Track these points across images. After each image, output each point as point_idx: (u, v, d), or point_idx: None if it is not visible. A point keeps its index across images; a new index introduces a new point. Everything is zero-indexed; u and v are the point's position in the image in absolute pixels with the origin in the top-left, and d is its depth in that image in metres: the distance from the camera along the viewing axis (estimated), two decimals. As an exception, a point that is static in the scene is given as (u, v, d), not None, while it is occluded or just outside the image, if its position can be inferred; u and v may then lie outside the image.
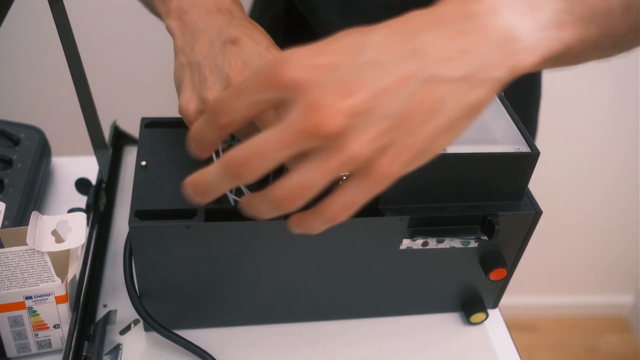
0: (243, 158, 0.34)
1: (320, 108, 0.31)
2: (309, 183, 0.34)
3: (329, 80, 0.32)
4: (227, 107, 0.34)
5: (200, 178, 0.36)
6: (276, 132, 0.33)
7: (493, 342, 0.57)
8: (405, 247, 0.51)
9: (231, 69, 0.45)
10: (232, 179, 0.35)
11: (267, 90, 0.33)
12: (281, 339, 0.56)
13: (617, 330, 1.68)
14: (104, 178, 0.65)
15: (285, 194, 0.34)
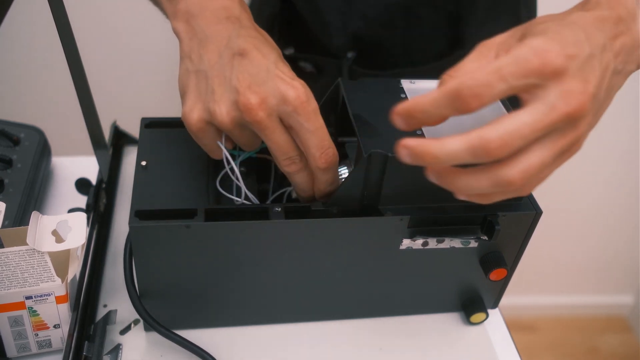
0: (505, 139, 0.36)
1: (576, 95, 0.37)
2: (545, 163, 0.38)
3: (575, 68, 0.37)
4: (485, 91, 0.36)
5: (437, 146, 0.38)
6: (540, 115, 0.36)
7: (493, 342, 0.57)
8: (406, 247, 0.51)
9: (239, 82, 0.45)
10: (479, 157, 0.37)
11: (530, 77, 0.36)
12: (281, 339, 0.56)
13: (617, 330, 1.68)
14: (104, 178, 0.65)
15: (518, 174, 0.37)
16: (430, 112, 0.38)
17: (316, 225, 0.48)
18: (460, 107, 0.37)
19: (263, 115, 0.44)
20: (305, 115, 0.45)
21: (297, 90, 0.45)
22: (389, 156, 0.46)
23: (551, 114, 0.36)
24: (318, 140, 0.46)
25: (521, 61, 0.36)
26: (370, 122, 0.49)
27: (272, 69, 0.45)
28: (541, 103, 0.37)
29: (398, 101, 0.52)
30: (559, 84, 0.37)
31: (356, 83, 0.54)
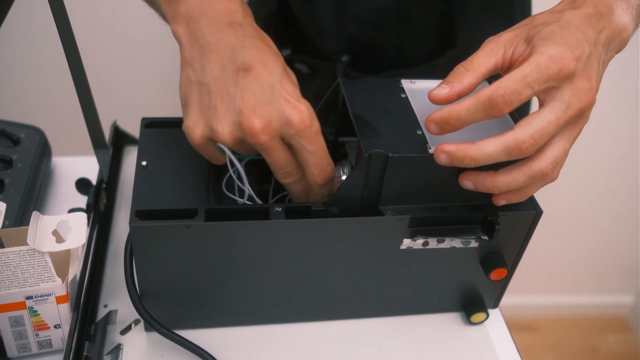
0: (535, 137, 0.43)
1: (585, 92, 0.44)
2: (567, 150, 0.45)
3: (581, 68, 0.44)
4: (515, 98, 0.42)
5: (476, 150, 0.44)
6: (560, 112, 0.43)
7: (493, 342, 0.57)
8: (406, 247, 0.51)
9: (243, 103, 0.44)
10: (514, 155, 0.44)
11: (550, 81, 0.43)
12: (281, 339, 0.56)
13: (617, 330, 1.68)
14: (104, 178, 0.65)
15: (549, 165, 0.45)
16: (464, 119, 0.44)
17: (316, 225, 0.48)
18: (493, 113, 0.43)
19: (266, 139, 0.44)
20: (308, 138, 0.45)
21: (302, 114, 0.44)
22: (389, 156, 0.46)
23: (568, 111, 0.43)
24: (318, 160, 0.47)
25: (543, 69, 0.43)
26: (370, 122, 0.49)
27: (278, 88, 0.45)
28: (559, 102, 0.43)
29: (398, 101, 0.53)
30: (571, 84, 0.43)
31: (356, 83, 0.54)
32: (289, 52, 0.77)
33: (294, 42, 0.77)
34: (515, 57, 0.46)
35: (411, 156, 0.47)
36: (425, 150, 0.47)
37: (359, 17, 0.71)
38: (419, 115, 0.51)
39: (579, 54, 0.43)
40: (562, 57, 0.43)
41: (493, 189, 0.47)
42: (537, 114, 0.44)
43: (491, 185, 0.47)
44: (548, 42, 0.44)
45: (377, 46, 0.74)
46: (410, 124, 0.50)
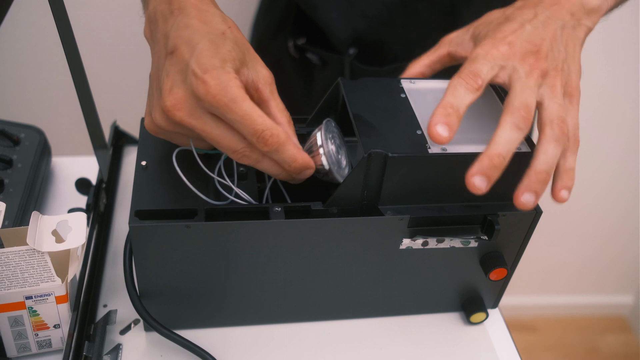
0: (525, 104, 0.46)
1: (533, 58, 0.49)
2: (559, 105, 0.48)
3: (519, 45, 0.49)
4: (480, 72, 0.47)
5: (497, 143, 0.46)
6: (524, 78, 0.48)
7: (493, 341, 0.57)
8: (405, 247, 0.51)
9: (164, 84, 0.45)
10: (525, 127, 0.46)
11: (497, 61, 0.48)
12: (281, 339, 0.56)
13: (617, 330, 1.68)
14: (104, 178, 0.65)
15: (557, 119, 0.47)
16: (456, 103, 0.46)
17: (316, 225, 0.48)
18: (471, 87, 0.47)
19: (182, 116, 0.44)
20: (224, 107, 0.43)
21: (206, 85, 0.43)
22: (388, 156, 0.46)
23: (528, 76, 0.48)
24: (248, 127, 0.44)
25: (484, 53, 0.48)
26: (370, 122, 0.49)
27: (191, 63, 0.44)
28: (517, 73, 0.48)
29: (398, 101, 0.53)
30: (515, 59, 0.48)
31: (356, 83, 0.54)
32: (304, 42, 0.79)
33: (309, 32, 0.78)
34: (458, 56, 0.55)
35: (411, 156, 0.47)
36: (425, 150, 0.47)
37: (365, 11, 0.72)
38: (418, 115, 0.51)
39: (512, 36, 0.49)
40: (494, 43, 0.49)
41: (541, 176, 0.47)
42: (510, 92, 0.48)
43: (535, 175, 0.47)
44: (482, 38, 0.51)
45: (383, 40, 0.75)
46: (410, 123, 0.50)
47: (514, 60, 0.48)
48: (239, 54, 0.45)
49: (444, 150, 0.47)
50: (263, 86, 0.47)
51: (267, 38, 0.85)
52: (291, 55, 0.81)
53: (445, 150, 0.48)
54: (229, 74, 0.43)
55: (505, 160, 0.45)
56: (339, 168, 0.51)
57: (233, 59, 0.45)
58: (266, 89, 0.47)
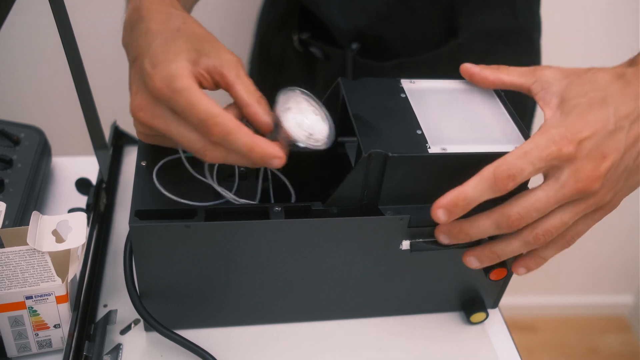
0: (518, 213, 0.45)
1: (586, 173, 0.44)
2: (565, 222, 0.46)
3: (588, 150, 0.44)
4: (518, 174, 0.44)
5: (468, 226, 0.47)
6: (552, 192, 0.45)
7: (493, 341, 0.57)
8: (405, 247, 0.51)
9: (130, 90, 0.47)
10: (503, 229, 0.46)
11: (548, 161, 0.44)
12: (281, 339, 0.56)
13: (617, 330, 1.68)
14: (104, 178, 0.65)
15: (541, 233, 0.47)
16: (471, 198, 0.45)
17: (316, 225, 0.48)
18: (499, 189, 0.44)
19: (145, 117, 0.45)
20: (169, 99, 0.43)
21: (152, 80, 0.43)
22: (388, 156, 0.46)
23: (562, 190, 0.45)
24: (192, 116, 0.43)
25: (542, 148, 0.44)
26: (370, 122, 0.49)
27: (144, 64, 0.44)
28: (554, 181, 0.45)
29: (398, 101, 0.53)
30: (572, 165, 0.44)
31: (356, 83, 0.54)
32: (308, 36, 0.79)
33: (314, 27, 0.79)
34: (537, 99, 0.50)
35: (411, 156, 0.47)
36: (425, 150, 0.47)
37: (366, 7, 0.73)
38: (418, 115, 0.51)
39: (589, 134, 0.44)
40: (562, 139, 0.44)
41: (493, 257, 0.49)
42: (530, 190, 0.46)
43: (491, 252, 0.49)
44: (561, 118, 0.46)
45: (384, 35, 0.75)
46: (409, 123, 0.50)
47: (569, 163, 0.45)
48: (194, 45, 0.45)
49: (444, 150, 0.47)
50: (227, 70, 0.46)
51: (271, 32, 0.86)
52: (295, 49, 0.81)
53: (445, 150, 0.48)
54: (177, 64, 0.43)
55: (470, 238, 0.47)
56: (314, 137, 0.47)
57: (187, 50, 0.45)
58: (231, 72, 0.46)
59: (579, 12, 1.19)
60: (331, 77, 0.79)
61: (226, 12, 1.09)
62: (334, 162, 0.59)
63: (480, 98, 0.54)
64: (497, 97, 0.54)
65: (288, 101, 0.47)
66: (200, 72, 0.45)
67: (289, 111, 0.46)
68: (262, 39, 0.89)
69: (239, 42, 1.02)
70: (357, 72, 0.77)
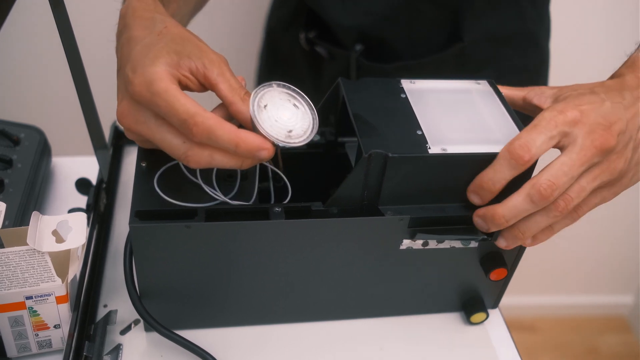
0: (551, 179, 0.46)
1: (599, 131, 0.47)
2: (585, 189, 0.48)
3: (592, 117, 0.47)
4: (532, 144, 0.46)
5: (502, 207, 0.48)
6: (574, 155, 0.46)
7: (493, 342, 0.57)
8: (406, 247, 0.51)
9: (117, 98, 0.47)
10: (537, 202, 0.46)
11: (560, 127, 0.47)
12: (281, 339, 0.56)
13: (617, 330, 1.68)
14: (104, 178, 0.65)
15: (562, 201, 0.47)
16: (495, 178, 0.47)
17: (316, 225, 0.48)
18: (517, 165, 0.46)
19: (129, 123, 0.46)
20: (149, 102, 0.43)
21: (132, 85, 0.43)
22: (389, 156, 0.46)
23: (582, 152, 0.46)
24: (173, 117, 0.43)
25: (548, 118, 0.47)
26: (370, 122, 0.49)
27: (126, 70, 0.45)
28: (572, 146, 0.47)
29: (398, 101, 0.53)
30: (583, 128, 0.47)
31: (356, 83, 0.54)
32: (314, 35, 0.80)
33: (320, 26, 0.79)
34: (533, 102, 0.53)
35: (411, 156, 0.47)
36: (425, 150, 0.47)
37: (369, 8, 0.73)
38: (418, 116, 0.51)
39: (587, 108, 0.47)
40: (564, 107, 0.47)
41: (519, 234, 0.50)
42: (554, 160, 0.47)
43: (518, 231, 0.50)
44: (559, 102, 0.49)
45: (387, 37, 0.75)
46: (410, 124, 0.50)
47: (580, 128, 0.47)
48: (175, 47, 0.45)
49: (444, 151, 0.47)
50: (210, 71, 0.45)
51: (280, 30, 0.86)
52: (302, 48, 0.81)
53: (446, 150, 0.48)
54: (155, 68, 0.43)
55: (508, 222, 0.48)
56: (294, 133, 0.45)
57: (167, 53, 0.44)
58: (213, 72, 0.45)
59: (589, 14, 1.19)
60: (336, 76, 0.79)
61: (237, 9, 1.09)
62: (334, 162, 0.59)
63: (481, 98, 0.54)
64: (497, 97, 0.54)
65: (263, 98, 0.46)
66: (184, 74, 0.45)
67: (264, 110, 0.45)
68: (270, 37, 0.90)
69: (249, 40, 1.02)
70: (361, 74, 0.77)
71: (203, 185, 0.50)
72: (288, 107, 0.46)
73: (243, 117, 0.45)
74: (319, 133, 0.58)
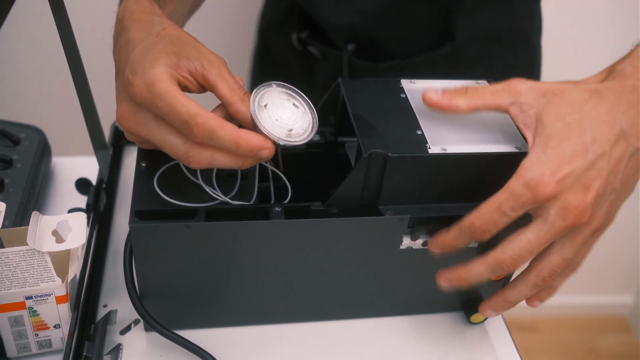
0: (512, 258, 0.45)
1: (572, 209, 0.43)
2: (567, 258, 0.48)
3: (569, 185, 0.43)
4: (493, 227, 0.45)
5: (465, 272, 0.48)
6: (541, 232, 0.44)
7: (493, 341, 0.58)
8: (406, 246, 0.51)
9: (116, 100, 0.47)
10: (499, 273, 0.47)
11: (525, 208, 0.44)
12: (281, 339, 0.56)
13: (617, 330, 1.68)
14: (104, 178, 0.65)
15: (547, 272, 0.48)
16: (454, 244, 0.48)
17: (316, 225, 0.48)
18: (478, 239, 0.46)
19: (129, 125, 0.46)
20: (150, 104, 0.43)
21: (133, 87, 0.43)
22: (388, 156, 0.46)
23: (551, 230, 0.44)
24: (174, 118, 0.43)
25: (517, 197, 0.44)
26: (370, 122, 0.49)
27: (126, 73, 0.45)
28: (542, 221, 0.44)
29: (398, 101, 0.53)
30: (556, 202, 0.44)
31: (356, 83, 0.54)
32: (307, 35, 0.80)
33: (312, 26, 0.79)
34: (517, 122, 0.47)
35: (411, 156, 0.47)
36: (425, 150, 0.47)
37: (361, 8, 0.73)
38: (418, 116, 0.51)
39: (568, 171, 0.43)
40: (538, 183, 0.43)
41: (507, 305, 0.51)
42: (520, 232, 0.45)
43: (504, 302, 0.51)
44: (537, 155, 0.44)
45: (379, 37, 0.75)
46: (409, 124, 0.50)
47: (552, 203, 0.44)
48: (173, 49, 0.45)
49: (444, 151, 0.47)
50: (208, 71, 0.46)
51: (272, 30, 0.86)
52: (295, 48, 0.81)
53: (446, 150, 0.48)
54: (155, 70, 0.43)
55: (468, 283, 0.48)
56: (294, 132, 0.46)
57: (166, 54, 0.45)
58: (212, 73, 0.46)
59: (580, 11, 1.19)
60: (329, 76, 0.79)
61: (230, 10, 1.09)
62: (334, 162, 0.59)
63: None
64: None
65: (263, 98, 0.46)
66: (183, 76, 0.45)
67: (264, 110, 0.45)
68: (263, 37, 0.90)
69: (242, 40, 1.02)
70: (353, 73, 0.77)
71: (204, 185, 0.50)
72: (288, 106, 0.46)
73: (242, 117, 0.45)
74: (319, 133, 0.59)
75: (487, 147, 0.48)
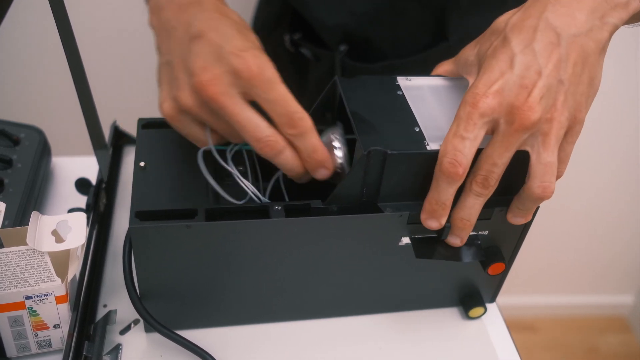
0: (482, 176, 0.45)
1: (516, 110, 0.43)
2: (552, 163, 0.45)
3: (508, 91, 0.44)
4: (457, 157, 0.44)
5: (460, 209, 0.48)
6: (497, 144, 0.44)
7: (491, 335, 0.58)
8: (404, 243, 0.51)
9: (194, 64, 0.45)
10: (484, 192, 0.46)
11: (477, 125, 0.44)
12: (281, 338, 0.56)
13: (617, 330, 1.68)
14: (104, 178, 0.66)
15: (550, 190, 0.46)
16: (440, 198, 0.46)
17: (316, 223, 0.48)
18: (454, 180, 0.45)
19: (216, 91, 0.44)
20: (262, 86, 0.44)
21: (247, 62, 0.44)
22: (387, 153, 0.46)
23: (505, 137, 0.44)
24: (282, 108, 0.45)
25: (465, 117, 0.44)
26: (368, 120, 0.49)
27: (226, 45, 0.45)
28: (496, 133, 0.45)
29: (395, 98, 0.53)
30: (502, 112, 0.44)
31: (353, 81, 0.54)
32: (300, 37, 0.80)
33: (305, 27, 0.79)
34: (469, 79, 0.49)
35: (409, 153, 0.47)
36: (424, 147, 0.47)
37: (353, 8, 0.73)
38: (416, 112, 0.51)
39: (502, 81, 0.44)
40: (476, 98, 0.44)
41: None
42: (483, 151, 0.45)
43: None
44: (474, 82, 0.45)
45: (372, 37, 0.75)
46: (407, 121, 0.50)
47: (499, 113, 0.44)
48: (260, 45, 0.47)
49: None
50: None
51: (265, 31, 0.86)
52: (287, 50, 0.81)
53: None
54: (265, 57, 0.45)
55: (472, 223, 0.48)
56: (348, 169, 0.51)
57: (259, 47, 0.46)
58: None
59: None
60: (321, 78, 0.79)
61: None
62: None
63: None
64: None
65: (334, 133, 0.51)
66: None
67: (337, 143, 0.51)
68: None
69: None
70: (346, 74, 0.77)
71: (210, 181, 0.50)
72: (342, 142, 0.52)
73: None
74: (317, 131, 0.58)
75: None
